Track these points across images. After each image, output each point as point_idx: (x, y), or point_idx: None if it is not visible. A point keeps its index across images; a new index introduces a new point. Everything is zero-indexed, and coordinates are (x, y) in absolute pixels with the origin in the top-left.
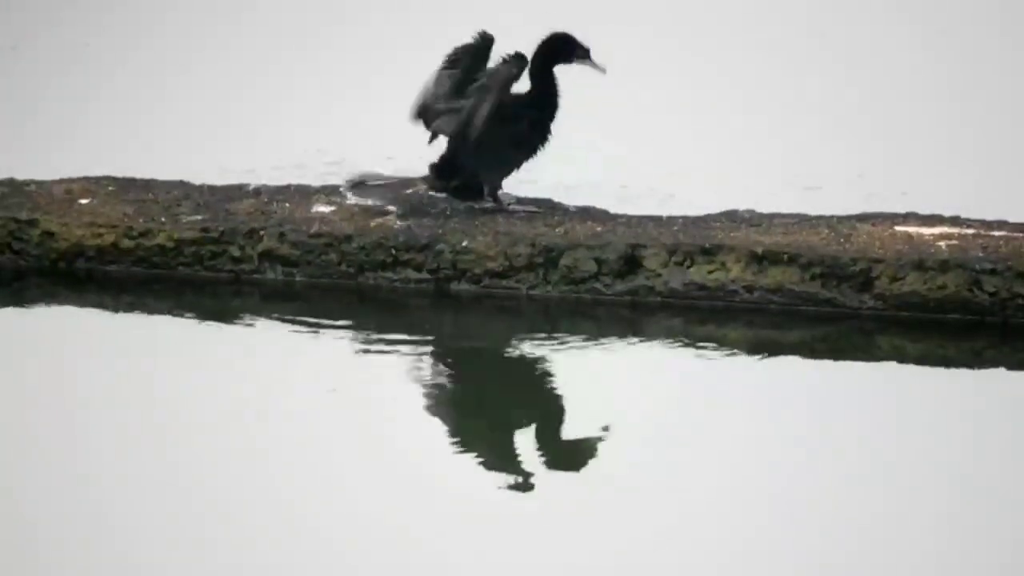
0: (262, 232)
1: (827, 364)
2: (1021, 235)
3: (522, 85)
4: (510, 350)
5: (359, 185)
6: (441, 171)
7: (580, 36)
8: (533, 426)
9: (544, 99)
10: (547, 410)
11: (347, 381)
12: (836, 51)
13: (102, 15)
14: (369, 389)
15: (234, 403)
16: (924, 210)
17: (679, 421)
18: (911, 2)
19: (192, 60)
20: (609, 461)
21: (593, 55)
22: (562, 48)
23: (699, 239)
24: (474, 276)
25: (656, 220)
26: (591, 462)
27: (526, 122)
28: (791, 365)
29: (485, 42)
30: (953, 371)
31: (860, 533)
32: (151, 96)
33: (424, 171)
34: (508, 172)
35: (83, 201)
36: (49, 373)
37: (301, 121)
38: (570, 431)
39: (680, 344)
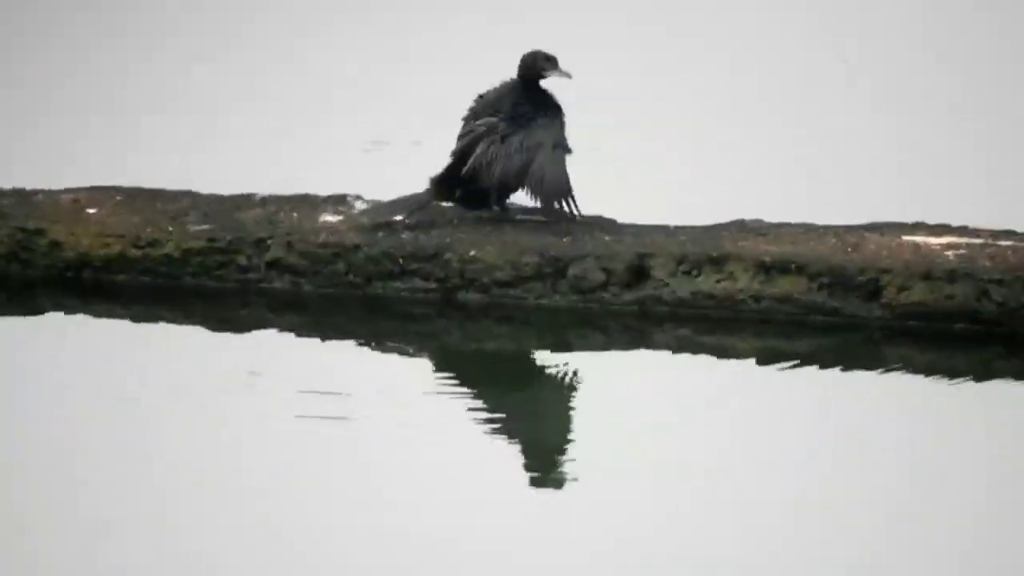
0: (269, 241)
1: (834, 374)
2: None
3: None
4: (517, 360)
5: (368, 211)
6: (443, 183)
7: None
8: (540, 435)
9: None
10: (554, 419)
11: (356, 390)
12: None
13: (113, 24)
14: (377, 398)
15: (242, 411)
16: (932, 220)
17: (687, 431)
18: (919, 11)
19: (201, 69)
20: (617, 469)
21: (561, 64)
22: (531, 67)
23: (707, 249)
24: (481, 285)
25: (664, 230)
26: (598, 470)
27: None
28: (798, 375)
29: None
30: (961, 382)
31: (867, 542)
32: (159, 106)
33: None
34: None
35: (90, 211)
36: (56, 383)
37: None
38: (577, 440)
39: (688, 354)
